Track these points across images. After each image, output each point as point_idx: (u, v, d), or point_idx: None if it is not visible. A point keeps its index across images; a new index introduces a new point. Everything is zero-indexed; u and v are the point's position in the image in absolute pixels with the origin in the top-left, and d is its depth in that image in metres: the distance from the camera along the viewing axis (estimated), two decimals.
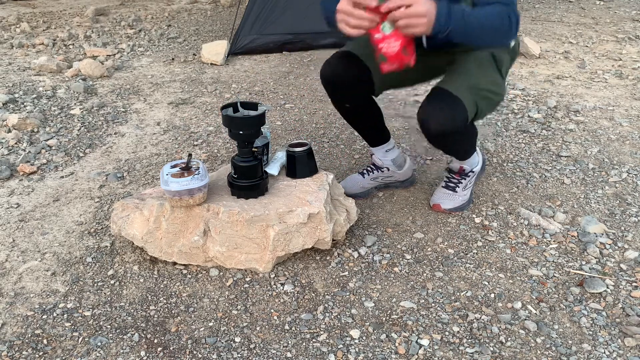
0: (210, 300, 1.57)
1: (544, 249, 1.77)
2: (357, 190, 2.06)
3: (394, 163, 2.05)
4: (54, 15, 5.39)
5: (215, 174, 1.91)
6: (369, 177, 2.07)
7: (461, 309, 1.52)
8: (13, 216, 2.00)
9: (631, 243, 1.79)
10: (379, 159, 2.05)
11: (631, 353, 1.37)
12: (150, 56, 4.06)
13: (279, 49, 4.05)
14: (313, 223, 1.66)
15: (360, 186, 2.07)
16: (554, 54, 3.88)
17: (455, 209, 1.97)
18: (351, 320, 1.49)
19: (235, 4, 5.42)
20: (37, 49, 4.20)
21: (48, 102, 3.07)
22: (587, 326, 1.45)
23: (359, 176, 2.08)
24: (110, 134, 2.70)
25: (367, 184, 2.07)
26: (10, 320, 1.50)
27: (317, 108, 2.98)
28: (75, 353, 1.39)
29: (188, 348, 1.40)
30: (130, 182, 2.24)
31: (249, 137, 1.68)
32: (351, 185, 2.06)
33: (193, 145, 2.57)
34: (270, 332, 1.46)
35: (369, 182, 2.08)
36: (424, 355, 1.37)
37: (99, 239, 1.86)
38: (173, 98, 3.17)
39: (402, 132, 2.66)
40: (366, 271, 1.68)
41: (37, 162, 2.40)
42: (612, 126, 2.68)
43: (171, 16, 5.39)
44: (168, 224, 1.67)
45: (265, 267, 1.66)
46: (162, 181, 1.63)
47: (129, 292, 1.61)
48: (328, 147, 2.52)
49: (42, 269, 1.71)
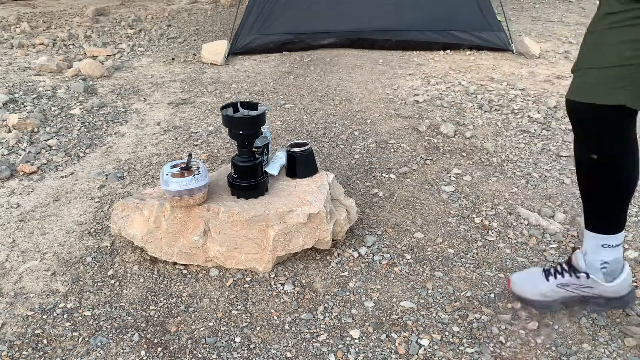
0: (210, 300, 1.57)
1: (544, 249, 1.77)
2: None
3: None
4: (54, 15, 5.39)
5: (215, 174, 1.91)
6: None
7: (461, 309, 1.52)
8: (13, 216, 2.00)
9: (631, 243, 1.79)
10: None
11: (631, 353, 1.37)
12: (150, 56, 4.06)
13: (279, 49, 4.05)
14: (313, 223, 1.66)
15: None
16: (554, 54, 3.88)
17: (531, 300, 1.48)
18: (351, 320, 1.49)
19: (235, 4, 5.42)
20: (37, 49, 4.20)
21: (48, 102, 3.07)
22: (587, 326, 1.45)
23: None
24: (110, 134, 2.70)
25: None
26: (10, 320, 1.50)
27: (317, 108, 2.98)
28: (75, 353, 1.39)
29: (188, 348, 1.40)
30: (130, 182, 2.24)
31: (249, 137, 1.68)
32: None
33: (193, 145, 2.57)
34: (270, 332, 1.46)
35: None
36: (424, 355, 1.37)
37: (99, 239, 1.86)
38: (173, 98, 3.17)
39: (402, 132, 2.66)
40: (366, 271, 1.68)
41: (37, 162, 2.40)
42: None
43: (171, 16, 5.39)
44: (168, 224, 1.67)
45: (265, 267, 1.66)
46: (162, 181, 1.63)
47: (129, 292, 1.61)
48: (328, 147, 2.52)
49: (42, 269, 1.71)
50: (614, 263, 1.38)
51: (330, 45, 4.08)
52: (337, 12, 4.03)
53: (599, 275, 1.39)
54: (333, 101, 3.06)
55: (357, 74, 3.51)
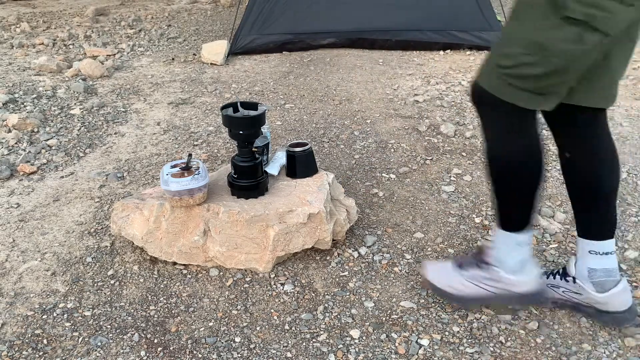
0: (210, 300, 1.57)
1: (544, 249, 1.77)
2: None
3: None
4: (54, 15, 5.39)
5: (215, 174, 1.91)
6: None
7: (461, 309, 1.52)
8: (13, 216, 2.00)
9: (631, 243, 1.79)
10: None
11: (631, 353, 1.37)
12: (150, 56, 4.06)
13: (279, 49, 4.05)
14: (313, 223, 1.66)
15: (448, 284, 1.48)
16: None
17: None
18: (351, 320, 1.49)
19: (235, 4, 5.42)
20: (37, 49, 4.20)
21: (48, 102, 3.07)
22: (587, 326, 1.45)
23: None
24: (110, 134, 2.70)
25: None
26: (10, 320, 1.50)
27: (317, 108, 2.98)
28: (75, 353, 1.39)
29: (188, 348, 1.40)
30: (130, 182, 2.24)
31: (249, 137, 1.68)
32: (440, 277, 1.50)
33: (193, 145, 2.57)
34: (270, 332, 1.46)
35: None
36: (424, 355, 1.37)
37: (99, 239, 1.86)
38: (173, 98, 3.17)
39: (402, 132, 2.66)
40: (366, 271, 1.68)
41: (37, 162, 2.40)
42: (612, 126, 2.68)
43: (171, 16, 5.39)
44: (168, 224, 1.67)
45: (265, 267, 1.66)
46: (162, 181, 1.63)
47: (129, 292, 1.61)
48: (328, 147, 2.52)
49: (42, 269, 1.71)
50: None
51: (330, 45, 4.08)
52: (337, 12, 4.03)
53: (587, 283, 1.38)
54: (333, 101, 3.06)
55: (357, 74, 3.51)
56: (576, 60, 1.13)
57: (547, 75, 1.15)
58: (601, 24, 1.08)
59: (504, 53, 1.22)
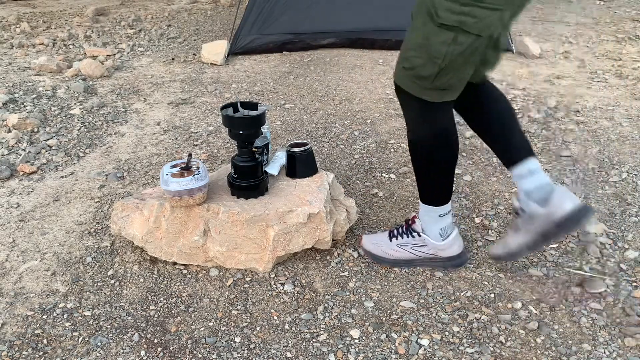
0: (210, 300, 1.57)
1: (544, 249, 1.77)
2: None
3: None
4: (54, 15, 5.39)
5: (215, 174, 1.91)
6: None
7: (461, 309, 1.52)
8: (13, 216, 2.00)
9: (631, 243, 1.79)
10: None
11: (631, 353, 1.37)
12: (150, 56, 4.06)
13: (279, 49, 4.04)
14: (313, 223, 1.66)
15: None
16: (554, 54, 3.88)
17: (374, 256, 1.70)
18: (351, 320, 1.49)
19: (235, 4, 5.42)
20: (37, 49, 4.19)
21: (48, 102, 3.07)
22: (587, 326, 1.45)
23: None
24: (110, 134, 2.70)
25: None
26: (10, 320, 1.50)
27: (317, 108, 2.98)
28: (75, 353, 1.39)
29: (188, 348, 1.40)
30: (130, 182, 2.24)
31: (249, 137, 1.68)
32: None
33: (193, 145, 2.57)
34: (270, 332, 1.46)
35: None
36: (424, 355, 1.37)
37: (99, 239, 1.86)
38: (173, 98, 3.17)
39: (402, 132, 2.66)
40: (366, 271, 1.68)
41: (37, 162, 2.40)
42: (612, 126, 2.68)
43: (171, 16, 5.39)
44: (168, 224, 1.67)
45: (265, 267, 1.66)
46: (162, 181, 1.63)
47: (129, 292, 1.61)
48: (328, 147, 2.52)
49: (42, 269, 1.71)
50: (447, 229, 1.59)
51: (330, 45, 4.07)
52: (337, 12, 4.03)
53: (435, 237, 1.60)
54: (333, 101, 3.06)
55: (357, 74, 3.51)
56: (455, 59, 1.29)
57: (438, 75, 1.32)
58: (472, 28, 1.25)
59: (404, 56, 1.38)
